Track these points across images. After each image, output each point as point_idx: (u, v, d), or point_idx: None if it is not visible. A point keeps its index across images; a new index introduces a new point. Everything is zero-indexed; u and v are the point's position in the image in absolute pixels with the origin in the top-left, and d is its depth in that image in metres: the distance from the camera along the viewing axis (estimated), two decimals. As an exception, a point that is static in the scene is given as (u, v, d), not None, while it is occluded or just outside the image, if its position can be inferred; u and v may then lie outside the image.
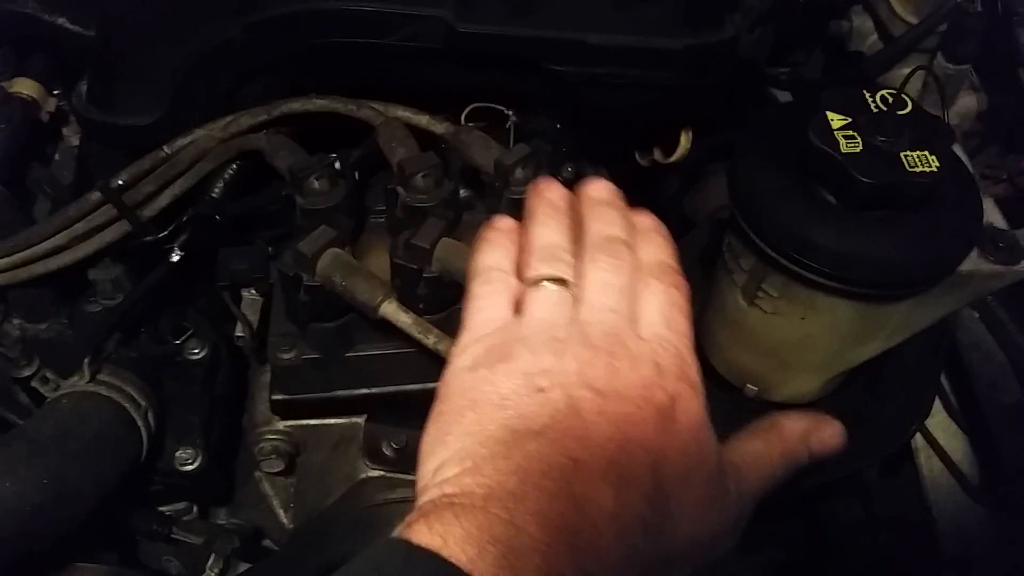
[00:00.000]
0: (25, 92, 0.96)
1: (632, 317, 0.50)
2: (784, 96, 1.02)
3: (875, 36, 0.94)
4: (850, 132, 0.59)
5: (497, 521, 0.39)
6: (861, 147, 0.58)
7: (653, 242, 0.55)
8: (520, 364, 0.47)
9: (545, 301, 0.50)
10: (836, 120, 0.60)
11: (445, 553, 0.38)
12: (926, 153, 0.58)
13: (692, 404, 0.48)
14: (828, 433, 0.58)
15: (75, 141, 1.03)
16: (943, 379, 0.98)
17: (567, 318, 0.49)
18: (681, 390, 0.48)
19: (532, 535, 0.39)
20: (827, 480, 0.80)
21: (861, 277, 0.60)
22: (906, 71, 0.86)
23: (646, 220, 0.57)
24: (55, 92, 1.00)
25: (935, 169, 0.58)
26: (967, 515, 1.00)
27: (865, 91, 0.62)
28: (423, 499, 0.43)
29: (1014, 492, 0.92)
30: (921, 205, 0.60)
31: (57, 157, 1.03)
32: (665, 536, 0.45)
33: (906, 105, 0.61)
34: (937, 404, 0.95)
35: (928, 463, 1.01)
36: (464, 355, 0.49)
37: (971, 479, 0.98)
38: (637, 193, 0.95)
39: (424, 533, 0.39)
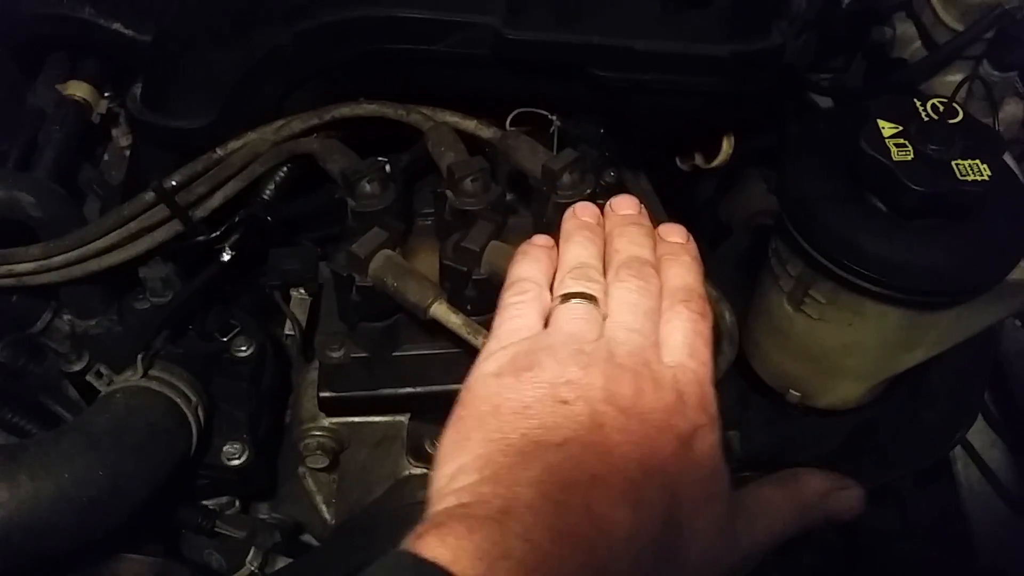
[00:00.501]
0: (79, 95, 0.99)
1: (656, 341, 0.51)
2: (825, 102, 1.02)
3: (918, 43, 0.94)
4: (901, 140, 0.60)
5: (511, 536, 0.39)
6: (912, 155, 0.59)
7: (681, 263, 0.56)
8: (546, 374, 0.47)
9: (573, 316, 0.51)
10: (887, 128, 0.60)
11: (455, 569, 0.37)
12: (977, 162, 0.59)
13: (710, 437, 0.48)
14: (848, 496, 0.56)
15: (124, 142, 1.05)
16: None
17: (594, 334, 0.50)
18: (702, 421, 0.48)
19: (546, 551, 0.39)
20: (866, 488, 0.80)
21: (910, 284, 0.61)
22: (949, 79, 0.87)
23: (676, 237, 0.58)
24: (106, 94, 1.02)
25: (986, 178, 0.58)
26: (1004, 526, 0.99)
27: (916, 100, 0.62)
28: (438, 507, 0.43)
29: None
30: (971, 213, 0.60)
31: (107, 158, 1.05)
32: (675, 564, 0.44)
33: (957, 114, 0.61)
34: (975, 411, 0.95)
35: (965, 471, 1.00)
36: (490, 361, 0.50)
37: (1009, 489, 0.97)
38: (675, 198, 0.96)
39: (435, 547, 0.38)
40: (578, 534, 0.41)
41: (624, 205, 0.59)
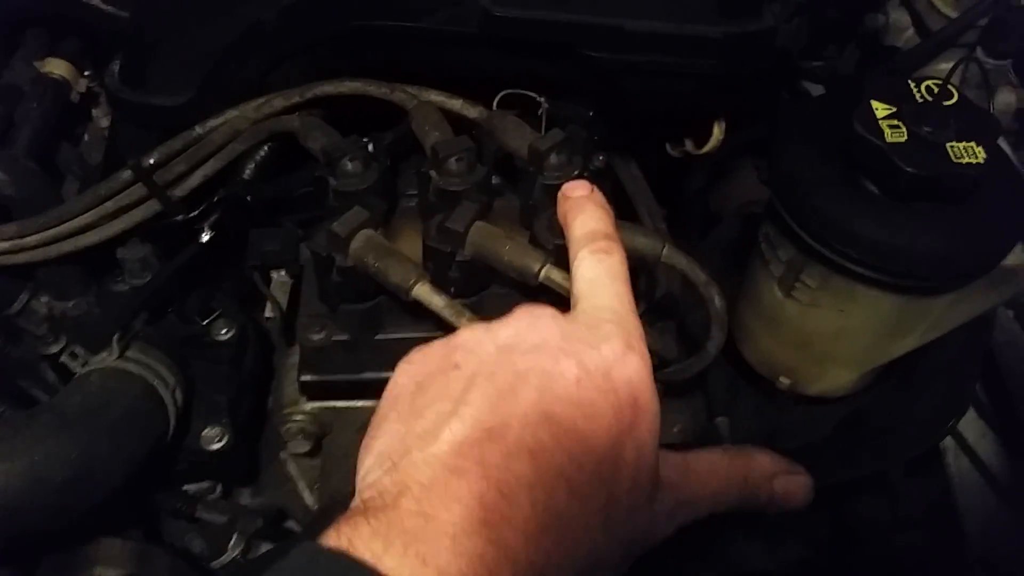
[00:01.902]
0: (57, 72, 0.97)
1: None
2: (817, 90, 1.00)
3: (911, 30, 0.93)
4: (895, 122, 0.59)
5: (406, 514, 0.39)
6: (906, 137, 0.58)
7: (584, 212, 0.57)
8: (439, 348, 0.48)
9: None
10: (881, 109, 0.59)
11: (353, 552, 0.37)
12: (972, 144, 0.57)
13: (627, 365, 0.47)
14: (796, 484, 0.55)
15: (104, 123, 1.03)
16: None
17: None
18: (605, 350, 0.47)
19: (441, 519, 0.39)
20: (857, 476, 0.79)
21: (903, 269, 0.60)
22: (943, 67, 0.86)
23: (579, 191, 0.59)
24: (86, 73, 1.00)
25: (981, 161, 0.57)
26: (995, 516, 0.98)
27: (910, 81, 0.61)
28: (352, 504, 0.43)
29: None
30: (966, 197, 0.59)
31: (86, 138, 1.03)
32: (596, 501, 0.43)
33: (952, 96, 0.60)
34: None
35: (957, 462, 0.99)
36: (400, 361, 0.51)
37: (1000, 479, 0.96)
38: (665, 186, 0.95)
39: (332, 538, 0.39)
40: (473, 494, 0.40)
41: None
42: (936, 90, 0.60)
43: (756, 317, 0.73)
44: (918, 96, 0.60)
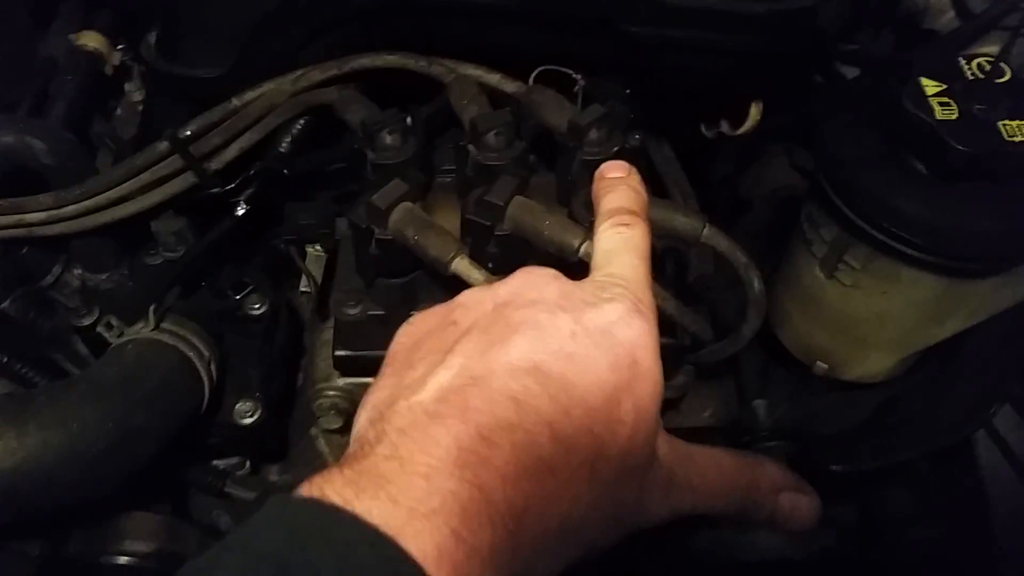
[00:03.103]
0: (91, 45, 0.97)
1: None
2: (851, 73, 0.99)
3: (952, 13, 0.92)
4: (945, 99, 0.58)
5: (381, 459, 0.39)
6: (957, 114, 0.57)
7: (616, 191, 0.57)
8: (443, 308, 0.49)
9: None
10: (931, 87, 0.58)
11: (327, 499, 0.37)
12: (1025, 123, 0.56)
13: (631, 324, 0.46)
14: (803, 504, 0.54)
15: (138, 96, 1.03)
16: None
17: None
18: (603, 308, 0.47)
19: (416, 461, 0.39)
20: (890, 464, 0.78)
21: (949, 250, 0.59)
22: (984, 50, 0.84)
23: (615, 172, 0.58)
24: (119, 47, 1.00)
25: (1035, 139, 0.56)
26: (1025, 509, 0.97)
27: (961, 58, 0.60)
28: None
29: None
30: (1016, 178, 0.58)
31: (119, 112, 1.03)
32: (583, 452, 0.43)
33: (1004, 73, 0.59)
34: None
35: (988, 454, 0.98)
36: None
37: (1033, 472, 0.95)
38: (693, 170, 0.94)
39: (305, 489, 0.39)
40: (451, 437, 0.40)
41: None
42: (988, 68, 0.59)
43: (794, 300, 0.72)
44: (969, 73, 0.59)
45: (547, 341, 0.43)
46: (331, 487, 0.38)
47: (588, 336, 0.44)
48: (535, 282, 0.48)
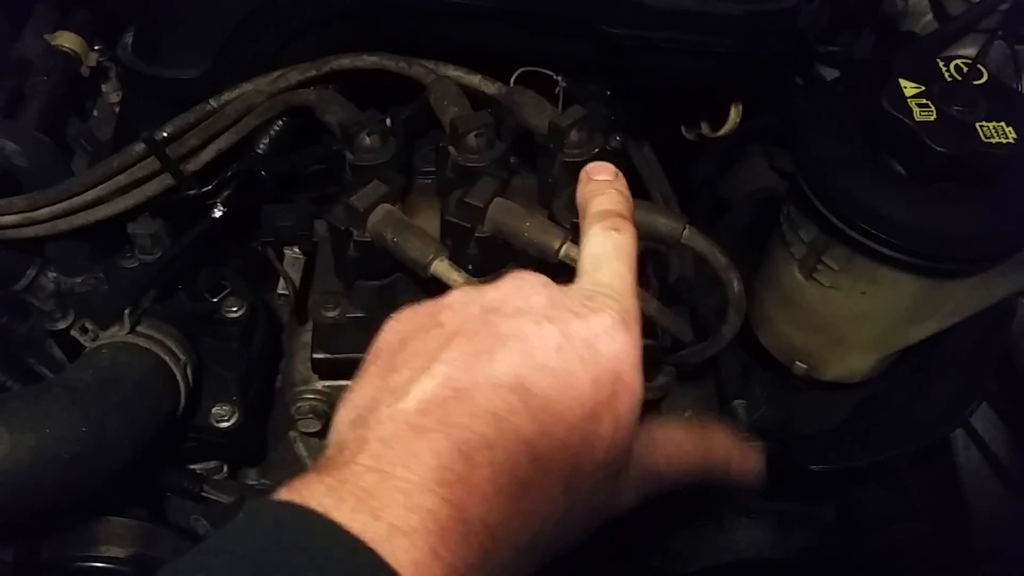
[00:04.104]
0: (67, 45, 0.95)
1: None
2: (831, 75, 1.00)
3: (930, 16, 0.92)
4: (924, 100, 0.58)
5: (363, 470, 0.39)
6: (935, 116, 0.57)
7: (604, 195, 0.56)
8: (429, 306, 0.47)
9: None
10: (909, 88, 0.58)
11: (305, 503, 0.37)
12: (1003, 124, 0.57)
13: (600, 321, 0.45)
14: (750, 465, 0.54)
15: (114, 98, 1.02)
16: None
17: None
18: (584, 312, 0.46)
19: (397, 476, 0.38)
20: (869, 463, 0.79)
21: (927, 250, 0.59)
22: (962, 52, 0.85)
23: (603, 175, 0.57)
24: (96, 47, 0.99)
25: (1012, 141, 0.56)
26: (1004, 508, 0.98)
27: (939, 60, 0.60)
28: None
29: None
30: (994, 178, 0.58)
31: (96, 113, 1.02)
32: (560, 470, 0.42)
33: (982, 75, 0.59)
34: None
35: (966, 453, 0.99)
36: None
37: (1010, 471, 0.96)
38: (673, 172, 0.94)
39: (284, 494, 0.38)
40: (432, 453, 0.39)
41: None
42: (966, 69, 0.59)
43: (774, 301, 0.73)
44: (947, 75, 0.59)
45: (532, 355, 0.43)
46: (311, 494, 0.37)
47: (573, 350, 0.44)
48: (524, 288, 0.47)
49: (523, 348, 0.43)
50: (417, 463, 0.39)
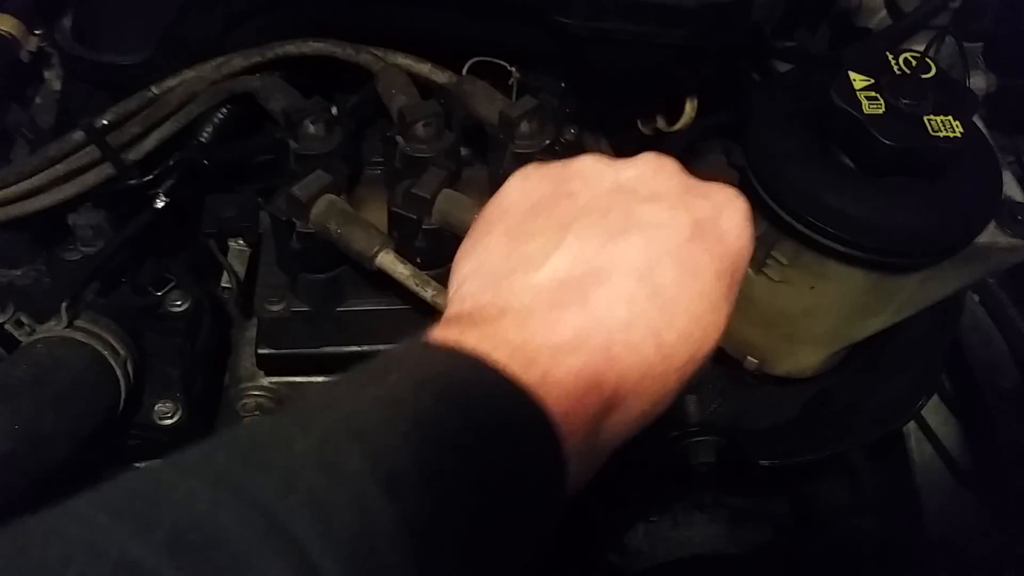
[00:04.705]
0: (4, 29, 0.92)
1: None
2: (787, 70, 1.00)
3: (884, 12, 0.92)
4: (873, 93, 0.58)
5: (510, 328, 0.40)
6: (884, 109, 0.57)
7: None
8: (556, 170, 0.47)
9: None
10: (859, 80, 0.58)
11: (464, 348, 0.38)
12: (950, 118, 0.57)
13: (729, 217, 0.46)
14: None
15: (57, 85, 0.98)
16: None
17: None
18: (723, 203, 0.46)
19: (542, 337, 0.40)
20: (821, 457, 0.79)
21: (876, 244, 0.59)
22: (915, 48, 0.85)
23: None
24: (37, 32, 0.96)
25: (959, 135, 0.56)
26: (956, 500, 0.99)
27: (888, 53, 0.60)
28: (447, 312, 0.44)
29: (1011, 477, 0.92)
30: (941, 172, 0.58)
31: (38, 100, 0.98)
32: (679, 358, 0.43)
33: (930, 69, 0.59)
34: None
35: (919, 447, 1.00)
36: (516, 172, 0.49)
37: (962, 464, 0.97)
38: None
39: (440, 336, 0.39)
40: (571, 324, 0.40)
41: None
42: (914, 63, 0.59)
43: (726, 295, 0.72)
44: (896, 69, 0.59)
45: (666, 243, 0.43)
46: (467, 341, 0.38)
47: (703, 241, 0.44)
48: (660, 171, 0.47)
49: (656, 235, 0.43)
50: (558, 332, 0.40)
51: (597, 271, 0.42)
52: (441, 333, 0.39)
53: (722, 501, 0.89)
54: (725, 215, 0.46)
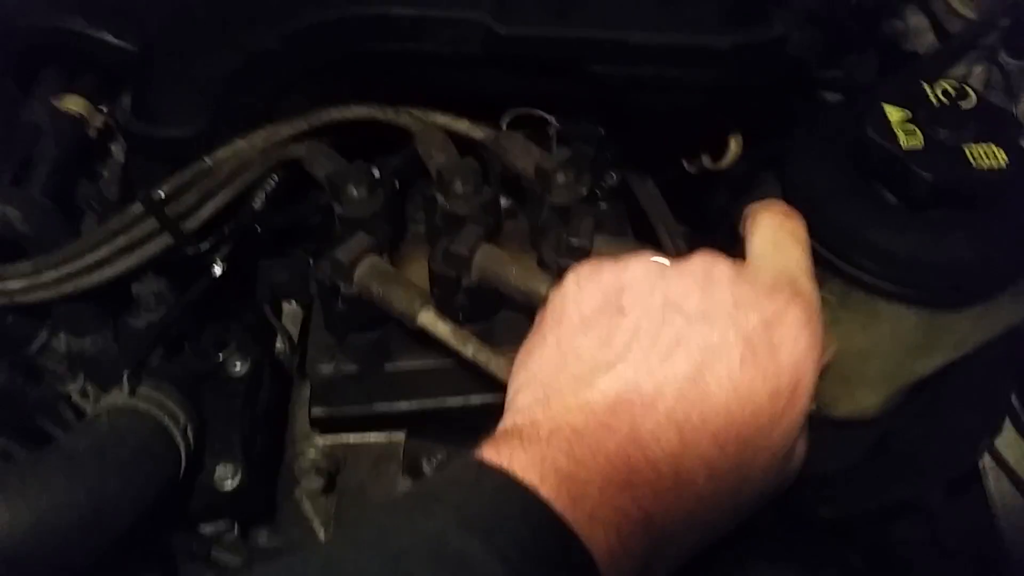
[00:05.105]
0: (74, 109, 0.97)
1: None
2: (836, 100, 0.98)
3: (931, 35, 0.91)
4: (910, 126, 0.56)
5: (559, 452, 0.40)
6: (923, 142, 0.55)
7: None
8: (608, 277, 0.47)
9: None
10: (895, 113, 0.57)
11: (511, 471, 0.39)
12: (992, 147, 0.55)
13: (787, 324, 0.46)
14: None
15: (123, 158, 1.03)
16: (1013, 395, 0.93)
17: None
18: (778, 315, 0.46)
19: (590, 468, 0.40)
20: (890, 501, 0.76)
21: (924, 281, 0.57)
22: (964, 70, 0.83)
23: None
24: (102, 109, 1.01)
25: (1003, 164, 0.54)
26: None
27: (924, 83, 0.58)
28: (503, 422, 0.44)
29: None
30: (988, 203, 0.56)
31: (105, 174, 1.03)
32: (731, 484, 0.43)
33: (969, 96, 0.57)
34: (1006, 422, 0.90)
35: (998, 485, 0.95)
36: (571, 274, 0.49)
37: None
38: (686, 203, 0.93)
39: (492, 455, 0.40)
40: (621, 455, 0.41)
41: None
42: (953, 92, 0.57)
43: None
44: (933, 99, 0.57)
45: (716, 367, 0.43)
46: (518, 464, 0.39)
47: (756, 362, 0.43)
48: (709, 283, 0.46)
49: (706, 359, 0.43)
50: (607, 461, 0.40)
51: (645, 396, 0.42)
52: (494, 451, 0.40)
53: (791, 550, 0.86)
54: (778, 328, 0.44)
